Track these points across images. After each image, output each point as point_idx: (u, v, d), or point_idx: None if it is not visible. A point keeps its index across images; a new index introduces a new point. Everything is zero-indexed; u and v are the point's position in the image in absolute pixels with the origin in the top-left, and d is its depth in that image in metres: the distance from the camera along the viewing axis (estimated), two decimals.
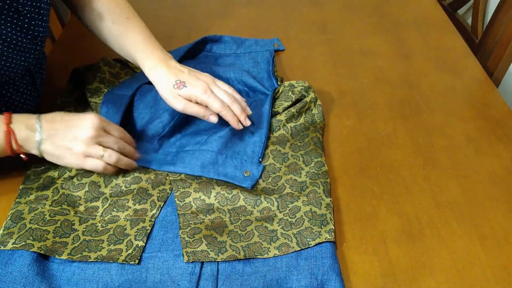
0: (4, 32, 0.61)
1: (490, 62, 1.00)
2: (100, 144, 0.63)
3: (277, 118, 0.75)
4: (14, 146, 0.61)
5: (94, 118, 0.63)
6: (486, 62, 1.01)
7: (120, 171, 0.69)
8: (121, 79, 0.85)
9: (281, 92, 0.79)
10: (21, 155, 0.63)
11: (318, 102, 0.80)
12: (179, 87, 0.68)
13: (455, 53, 0.95)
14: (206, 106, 0.68)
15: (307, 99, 0.77)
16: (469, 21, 1.19)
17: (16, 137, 0.61)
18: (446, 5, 1.26)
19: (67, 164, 0.64)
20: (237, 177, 0.69)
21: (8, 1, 0.60)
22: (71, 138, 0.62)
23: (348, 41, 0.99)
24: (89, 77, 0.82)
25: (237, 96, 0.72)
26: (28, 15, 0.64)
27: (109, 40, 0.75)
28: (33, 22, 0.65)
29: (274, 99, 0.78)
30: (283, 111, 0.77)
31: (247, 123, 0.70)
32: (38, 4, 0.65)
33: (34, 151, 0.63)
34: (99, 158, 0.64)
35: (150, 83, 0.74)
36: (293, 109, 0.76)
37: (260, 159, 0.71)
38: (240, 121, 0.69)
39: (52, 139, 0.62)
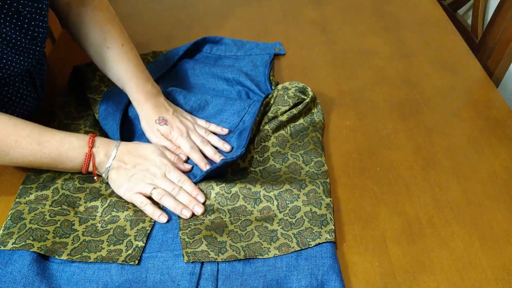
0: (4, 31, 0.61)
1: (490, 62, 1.00)
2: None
3: (279, 119, 0.75)
4: (90, 168, 0.66)
5: (157, 159, 0.67)
6: (486, 62, 1.01)
7: None
8: None
9: (276, 96, 0.78)
10: (94, 177, 0.68)
11: (317, 101, 0.80)
12: (160, 123, 0.73)
13: (455, 53, 0.95)
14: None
15: (307, 100, 0.77)
16: (469, 21, 1.19)
17: (95, 161, 0.66)
18: (446, 5, 1.26)
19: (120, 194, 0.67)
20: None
21: (8, 1, 0.60)
22: (140, 171, 0.66)
23: (348, 41, 0.99)
24: (88, 75, 0.82)
25: (214, 138, 0.75)
26: (28, 16, 0.64)
27: (101, 63, 0.75)
28: (33, 23, 0.65)
29: (269, 104, 0.78)
30: (282, 114, 0.76)
31: (206, 167, 0.70)
32: (39, 5, 0.65)
33: (103, 175, 0.67)
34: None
35: None
36: (295, 111, 0.75)
37: (243, 148, 0.69)
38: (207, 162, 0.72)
39: (118, 170, 0.66)
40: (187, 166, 0.70)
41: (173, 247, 0.61)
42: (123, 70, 0.73)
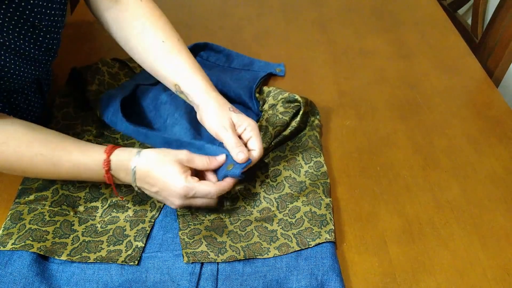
0: (18, 44, 0.60)
1: (490, 62, 1.00)
2: (189, 205, 0.62)
3: (282, 134, 0.73)
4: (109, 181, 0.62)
5: (180, 190, 0.59)
6: (486, 62, 1.01)
7: None
8: (120, 80, 0.84)
9: (267, 118, 0.75)
10: (117, 197, 0.66)
11: (309, 100, 0.79)
12: (234, 111, 0.66)
13: (455, 53, 0.95)
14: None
15: (302, 107, 0.75)
16: (469, 21, 1.19)
17: (117, 179, 0.62)
18: (446, 5, 1.26)
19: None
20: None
21: (24, 16, 0.59)
22: (162, 199, 0.62)
23: (348, 41, 0.99)
24: (87, 79, 0.82)
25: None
26: (44, 29, 0.63)
27: (147, 55, 0.70)
28: (48, 36, 0.65)
29: (262, 126, 0.74)
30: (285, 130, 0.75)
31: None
32: (56, 18, 0.64)
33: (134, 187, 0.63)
34: None
35: (149, 84, 0.76)
36: (294, 124, 0.74)
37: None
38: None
39: (144, 190, 0.63)
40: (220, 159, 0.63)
41: (173, 247, 0.61)
42: (183, 66, 0.69)
